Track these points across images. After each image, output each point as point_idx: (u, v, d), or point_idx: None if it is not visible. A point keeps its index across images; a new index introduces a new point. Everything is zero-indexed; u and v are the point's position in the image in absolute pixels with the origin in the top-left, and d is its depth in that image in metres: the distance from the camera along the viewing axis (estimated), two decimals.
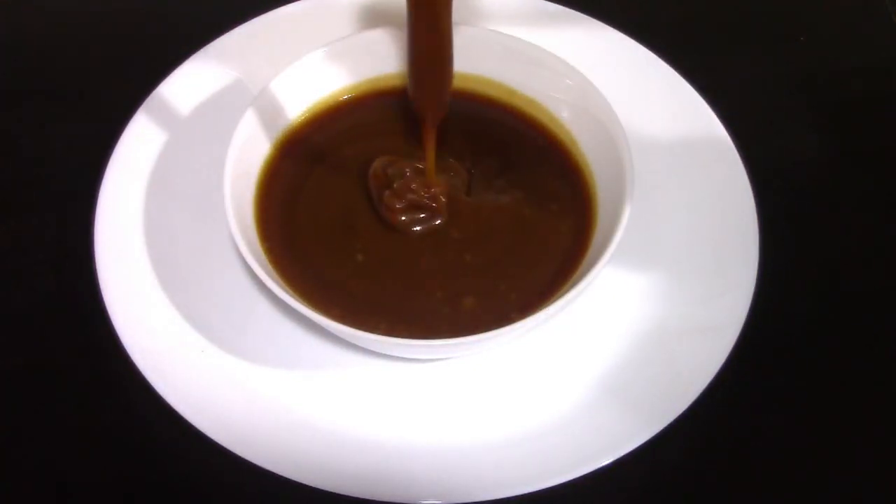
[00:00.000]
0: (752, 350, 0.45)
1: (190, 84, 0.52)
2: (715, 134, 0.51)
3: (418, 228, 0.46)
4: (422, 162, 0.47)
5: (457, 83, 0.50)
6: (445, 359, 0.46)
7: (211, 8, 0.60)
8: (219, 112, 0.51)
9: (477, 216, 0.47)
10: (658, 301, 0.47)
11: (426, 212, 0.46)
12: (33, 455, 0.44)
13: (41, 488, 0.43)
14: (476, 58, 0.50)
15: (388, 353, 0.44)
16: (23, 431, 0.45)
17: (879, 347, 0.48)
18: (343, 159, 0.49)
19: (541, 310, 0.41)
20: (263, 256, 0.43)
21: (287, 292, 0.41)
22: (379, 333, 0.41)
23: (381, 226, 0.46)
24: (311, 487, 0.40)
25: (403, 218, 0.46)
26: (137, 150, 0.50)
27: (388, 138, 0.49)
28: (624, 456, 0.41)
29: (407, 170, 0.46)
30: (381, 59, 0.50)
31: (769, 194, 0.49)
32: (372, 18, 0.52)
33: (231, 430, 0.42)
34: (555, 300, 0.41)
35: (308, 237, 0.46)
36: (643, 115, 0.51)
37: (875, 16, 0.61)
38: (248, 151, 0.46)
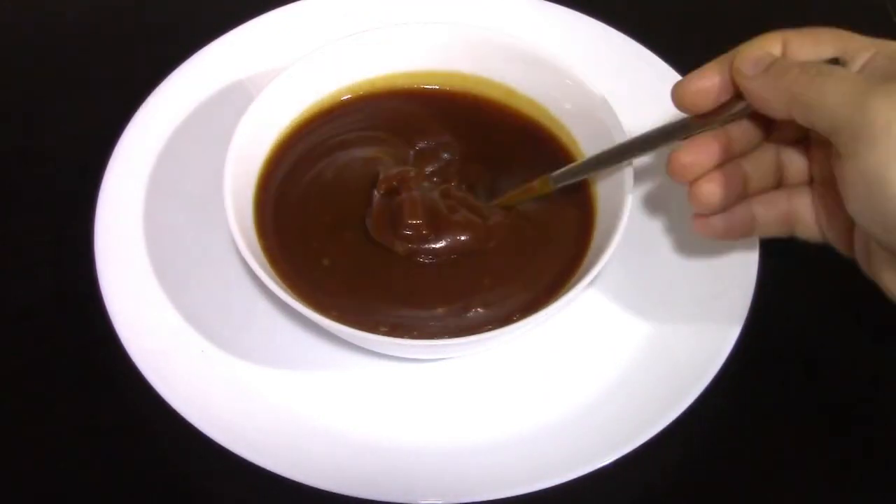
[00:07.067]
0: (752, 350, 0.45)
1: (190, 84, 0.52)
2: None
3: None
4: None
5: (457, 83, 0.51)
6: (446, 359, 0.46)
7: (211, 8, 0.60)
8: (219, 112, 0.51)
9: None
10: (658, 301, 0.47)
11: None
12: (33, 455, 0.44)
13: (41, 488, 0.43)
14: (476, 58, 0.50)
15: (389, 353, 0.44)
16: (23, 431, 0.45)
17: (879, 347, 0.48)
18: (343, 159, 0.48)
19: (540, 310, 0.41)
20: (263, 256, 0.43)
21: (287, 292, 0.41)
22: (379, 334, 0.41)
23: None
24: (311, 487, 0.40)
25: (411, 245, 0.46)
26: (137, 150, 0.50)
27: (388, 138, 0.49)
28: (624, 456, 0.41)
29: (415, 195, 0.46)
30: (381, 58, 0.50)
31: None
32: (372, 18, 0.52)
33: (231, 430, 0.42)
34: (554, 300, 0.41)
35: (308, 237, 0.46)
36: (643, 115, 0.51)
37: (875, 16, 0.61)
38: (248, 151, 0.46)
